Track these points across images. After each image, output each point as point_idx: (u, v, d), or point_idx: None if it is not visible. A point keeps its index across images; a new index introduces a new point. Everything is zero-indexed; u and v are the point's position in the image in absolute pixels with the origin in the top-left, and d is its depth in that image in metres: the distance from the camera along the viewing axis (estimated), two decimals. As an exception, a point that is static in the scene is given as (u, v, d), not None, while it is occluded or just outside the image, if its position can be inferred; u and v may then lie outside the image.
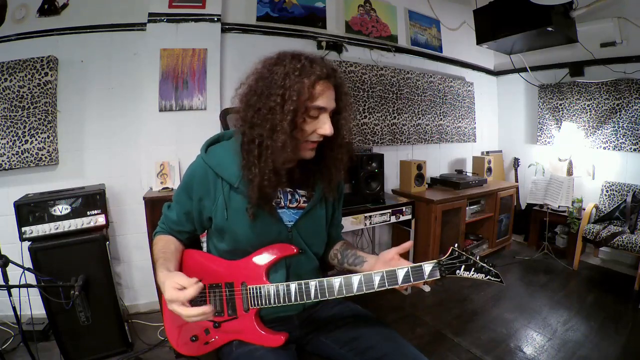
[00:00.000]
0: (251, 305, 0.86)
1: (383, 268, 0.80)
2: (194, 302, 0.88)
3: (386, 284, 0.79)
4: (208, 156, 0.91)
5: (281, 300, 0.83)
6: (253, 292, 0.85)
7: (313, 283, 0.82)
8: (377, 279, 0.79)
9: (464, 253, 0.78)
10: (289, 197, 0.94)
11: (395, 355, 0.86)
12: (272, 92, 0.78)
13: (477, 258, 0.78)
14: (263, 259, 0.88)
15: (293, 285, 0.83)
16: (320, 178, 0.94)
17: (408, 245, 0.88)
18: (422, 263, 0.80)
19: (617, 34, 2.90)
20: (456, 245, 0.80)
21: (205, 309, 0.73)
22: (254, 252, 0.89)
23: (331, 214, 1.04)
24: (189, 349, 0.91)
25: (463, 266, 0.78)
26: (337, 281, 0.81)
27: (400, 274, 0.78)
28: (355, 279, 0.80)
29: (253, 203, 0.85)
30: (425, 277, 0.79)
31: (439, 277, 0.79)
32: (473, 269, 0.78)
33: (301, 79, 0.77)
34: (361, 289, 0.79)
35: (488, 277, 0.77)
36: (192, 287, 0.73)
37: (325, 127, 0.82)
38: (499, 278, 0.78)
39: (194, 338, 0.89)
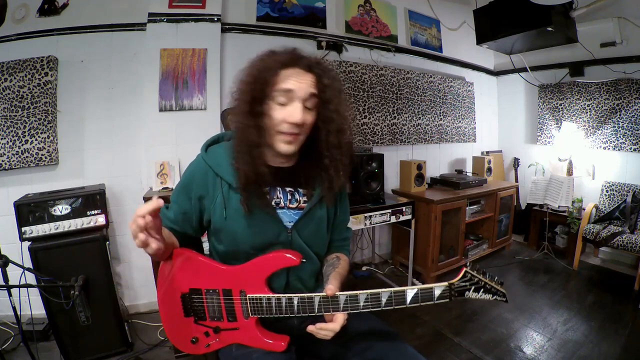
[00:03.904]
0: (251, 314, 0.85)
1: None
2: (192, 307, 0.87)
3: (393, 304, 0.79)
4: (208, 155, 0.91)
5: (283, 312, 0.83)
6: (253, 302, 0.84)
7: (317, 298, 0.81)
8: (384, 299, 0.79)
9: (476, 276, 0.77)
10: (289, 197, 0.92)
11: (394, 355, 0.86)
12: (241, 81, 0.84)
13: (488, 278, 0.77)
14: (264, 266, 0.85)
15: (296, 299, 0.82)
16: (320, 180, 0.91)
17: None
18: (432, 285, 0.78)
19: (617, 34, 2.90)
20: (468, 266, 0.78)
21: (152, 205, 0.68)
22: (254, 254, 0.89)
23: (333, 215, 1.02)
24: (189, 349, 0.91)
25: (473, 287, 0.77)
26: (342, 297, 0.81)
27: (409, 295, 0.78)
28: (362, 296, 0.80)
29: (241, 188, 0.85)
30: (435, 299, 0.78)
31: (447, 300, 0.77)
32: (482, 290, 0.77)
33: (264, 64, 0.82)
34: (367, 307, 0.80)
35: (495, 297, 0.77)
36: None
37: (293, 114, 0.80)
38: (505, 298, 0.77)
39: (194, 340, 0.89)
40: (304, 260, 0.88)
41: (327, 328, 0.81)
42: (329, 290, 0.81)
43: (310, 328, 0.82)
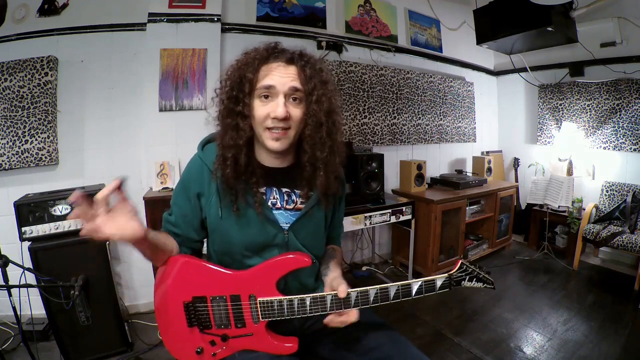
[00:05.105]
0: (262, 318, 0.84)
1: (329, 285, 0.86)
2: (196, 316, 0.85)
3: (400, 296, 0.83)
4: (204, 153, 0.91)
5: (295, 314, 0.83)
6: (264, 305, 0.83)
7: (329, 297, 0.82)
8: (392, 292, 0.83)
9: (471, 266, 0.87)
10: (286, 198, 0.91)
11: (398, 356, 0.86)
12: (223, 79, 0.85)
13: (479, 268, 0.88)
14: (275, 269, 0.84)
15: (308, 299, 0.82)
16: (315, 180, 0.88)
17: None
18: (434, 277, 0.85)
19: (617, 34, 2.90)
20: (463, 258, 0.90)
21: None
22: (249, 255, 0.88)
23: (331, 215, 1.01)
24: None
25: (467, 277, 0.87)
26: (353, 294, 0.82)
27: (414, 287, 0.84)
28: (372, 292, 0.82)
29: (224, 190, 0.84)
30: (437, 289, 0.85)
31: (447, 290, 0.86)
32: (475, 279, 0.87)
33: (245, 61, 0.82)
34: (377, 301, 0.83)
35: (485, 284, 0.88)
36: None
37: (276, 109, 0.78)
38: (493, 285, 0.89)
39: (199, 350, 0.86)
40: (315, 261, 0.88)
41: (344, 321, 0.81)
42: (342, 292, 0.81)
43: (330, 318, 0.82)
